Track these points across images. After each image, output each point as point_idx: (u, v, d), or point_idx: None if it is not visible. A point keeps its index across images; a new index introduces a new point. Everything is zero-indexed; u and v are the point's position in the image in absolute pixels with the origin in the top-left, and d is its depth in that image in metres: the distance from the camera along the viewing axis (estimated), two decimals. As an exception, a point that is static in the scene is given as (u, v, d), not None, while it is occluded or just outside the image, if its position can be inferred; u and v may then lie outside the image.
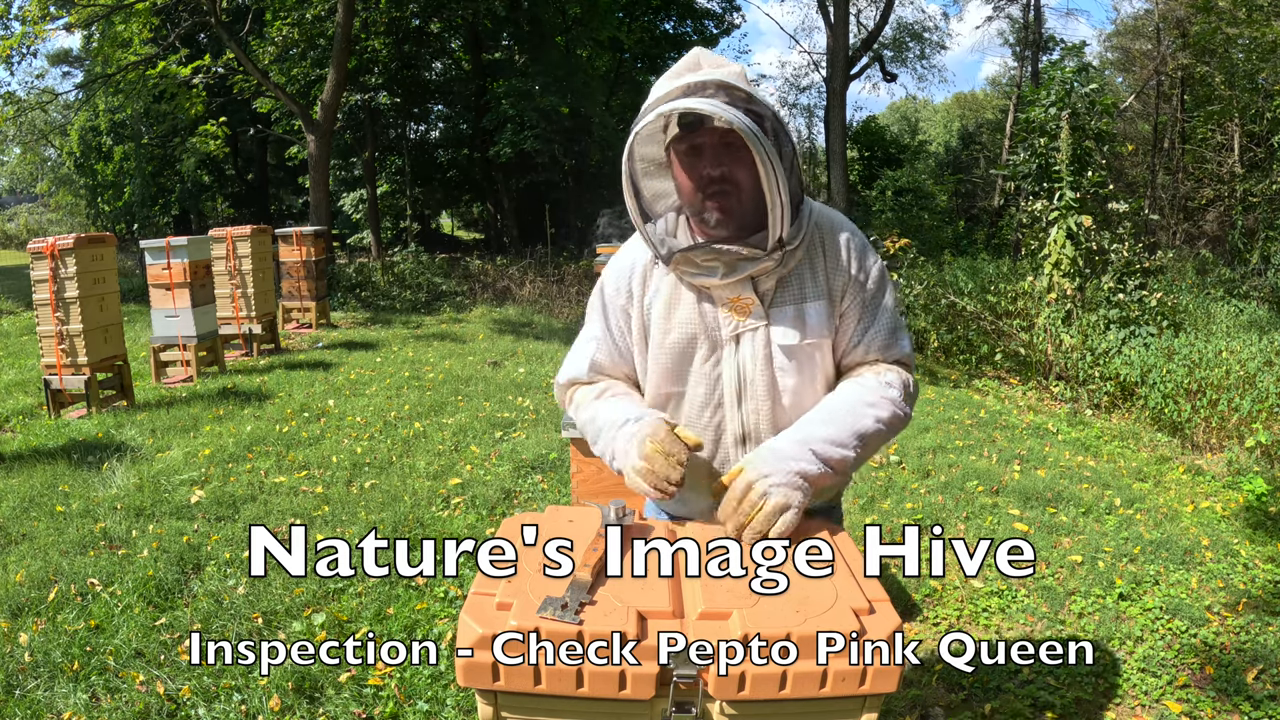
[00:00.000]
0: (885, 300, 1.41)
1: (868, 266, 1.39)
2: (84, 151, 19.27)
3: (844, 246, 1.38)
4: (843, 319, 1.40)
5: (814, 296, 1.36)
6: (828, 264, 1.37)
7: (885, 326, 1.40)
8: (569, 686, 0.89)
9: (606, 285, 1.48)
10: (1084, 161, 6.99)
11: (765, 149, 1.21)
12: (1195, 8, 12.06)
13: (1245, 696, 2.49)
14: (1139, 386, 5.65)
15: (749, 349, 1.36)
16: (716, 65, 1.30)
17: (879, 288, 1.40)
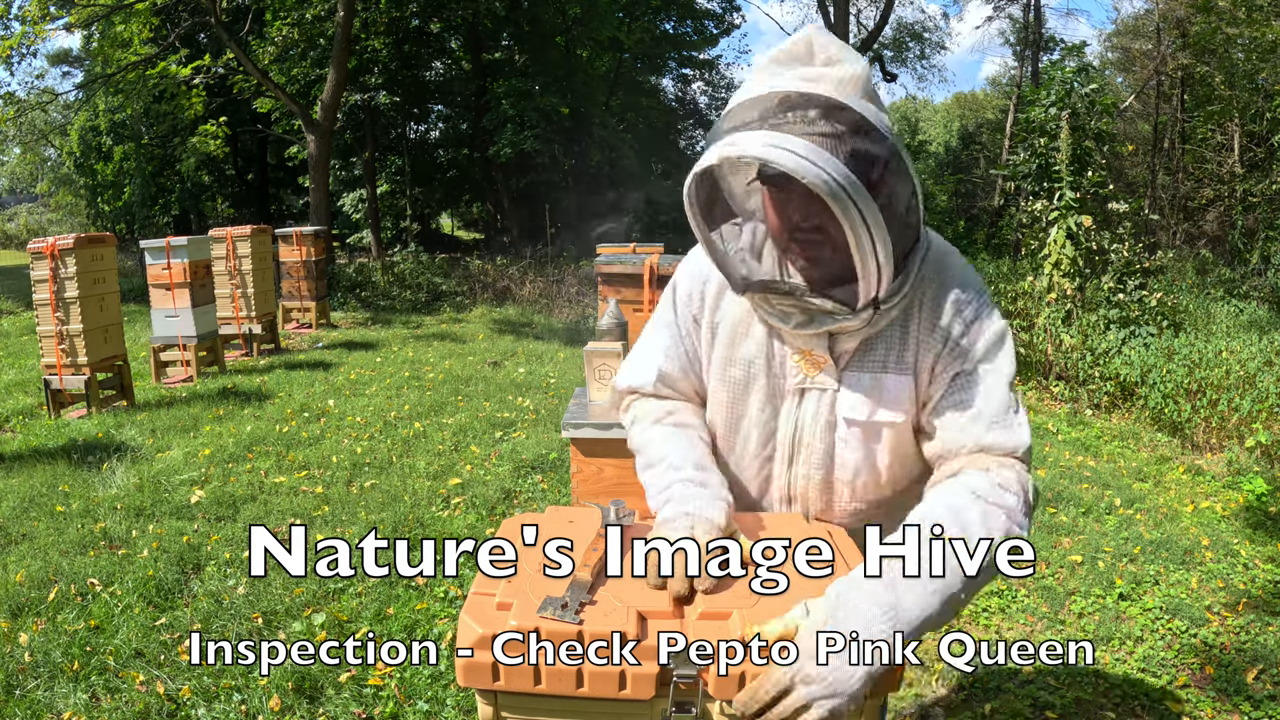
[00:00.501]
0: (997, 375, 1.13)
1: (977, 331, 1.13)
2: (84, 151, 19.27)
3: (949, 307, 1.13)
4: (933, 395, 1.15)
5: (897, 367, 1.15)
6: (923, 327, 1.14)
7: (996, 408, 1.12)
8: (569, 686, 0.89)
9: (679, 288, 1.30)
10: (1084, 161, 6.99)
11: (859, 212, 0.98)
12: (1195, 8, 12.06)
13: (1245, 696, 2.49)
14: (1139, 386, 5.65)
15: (811, 409, 1.19)
16: (830, 60, 1.04)
17: (990, 358, 1.13)
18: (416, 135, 20.43)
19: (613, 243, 3.66)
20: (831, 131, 1.00)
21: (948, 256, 1.17)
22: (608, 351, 2.68)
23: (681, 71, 22.37)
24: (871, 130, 1.02)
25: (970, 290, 1.15)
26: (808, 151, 0.98)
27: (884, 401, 1.16)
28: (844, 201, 0.97)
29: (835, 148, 1.00)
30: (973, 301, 1.14)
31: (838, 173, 0.97)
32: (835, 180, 0.97)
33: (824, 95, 1.01)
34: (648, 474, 1.22)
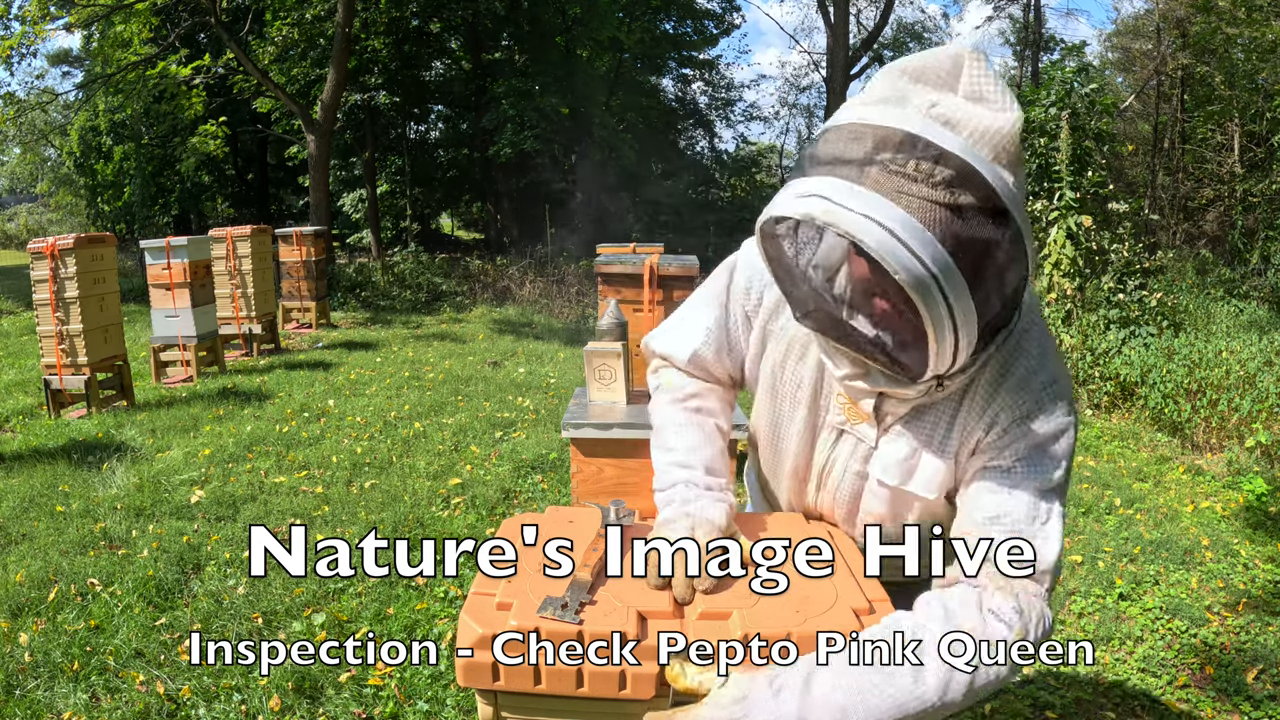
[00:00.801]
0: (1035, 479, 1.00)
1: (1028, 427, 1.00)
2: (84, 151, 19.27)
3: (1006, 395, 1.01)
4: (962, 481, 1.07)
5: (939, 449, 1.06)
6: (972, 412, 1.04)
7: (1020, 514, 0.99)
8: (569, 686, 0.89)
9: (737, 276, 1.21)
10: (1084, 161, 6.99)
11: (949, 309, 0.84)
12: (1195, 8, 12.06)
13: (1245, 696, 2.49)
14: (1139, 386, 5.65)
15: (846, 452, 1.15)
16: (978, 95, 0.87)
17: (1032, 459, 1.01)
18: (416, 135, 20.44)
19: (613, 243, 3.66)
20: (949, 201, 0.84)
21: (1028, 335, 1.03)
22: (608, 351, 2.68)
23: (681, 71, 22.37)
24: (1000, 210, 0.85)
25: (1038, 379, 1.01)
26: (906, 230, 0.82)
27: (918, 477, 1.08)
28: (933, 298, 0.84)
29: (946, 223, 0.84)
30: (1035, 393, 1.01)
31: (935, 263, 0.82)
32: (929, 274, 0.82)
33: (957, 156, 0.83)
34: (657, 455, 1.22)
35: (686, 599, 0.97)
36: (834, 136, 0.90)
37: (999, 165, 0.85)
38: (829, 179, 0.87)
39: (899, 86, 0.90)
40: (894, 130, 0.86)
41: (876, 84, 0.92)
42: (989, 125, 0.86)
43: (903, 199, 0.84)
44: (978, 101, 0.87)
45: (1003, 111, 0.87)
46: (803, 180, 0.90)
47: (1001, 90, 0.88)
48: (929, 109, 0.87)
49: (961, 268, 0.83)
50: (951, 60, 0.89)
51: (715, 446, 1.21)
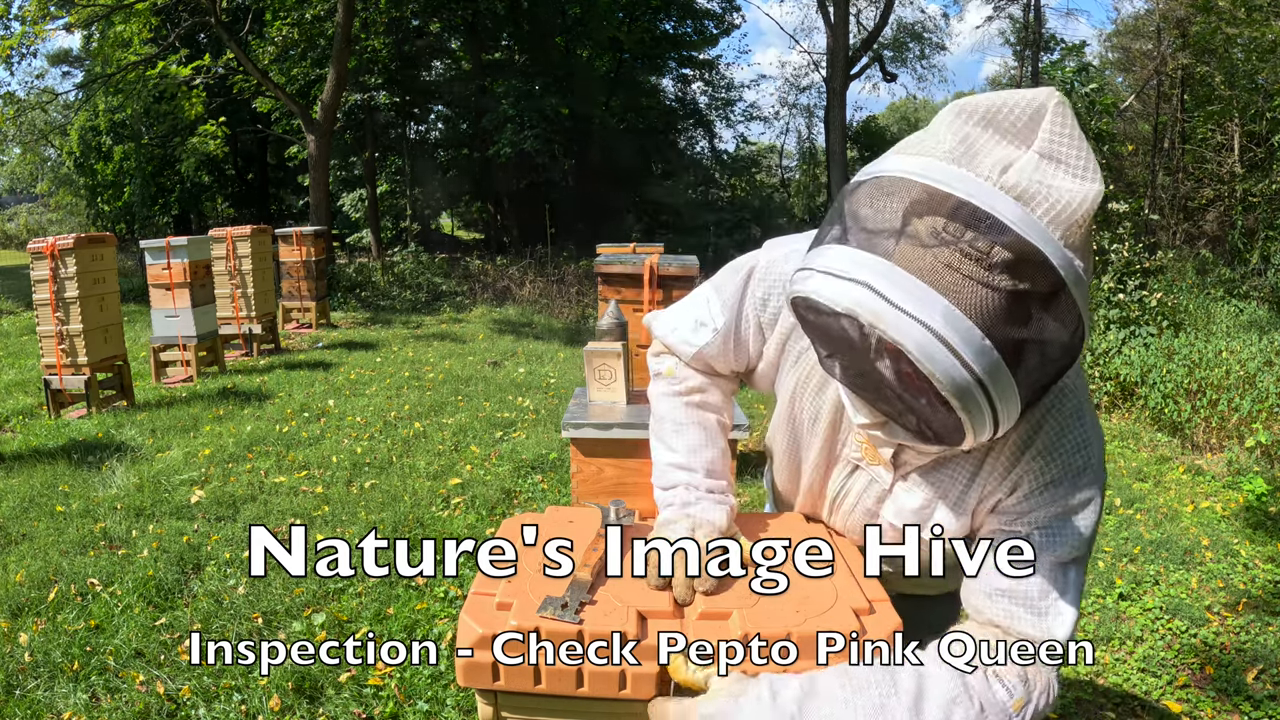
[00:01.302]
0: (1051, 551, 0.94)
1: (1051, 496, 0.94)
2: (84, 151, 19.27)
3: (1032, 458, 0.95)
4: (979, 537, 1.02)
5: (954, 503, 1.01)
6: (995, 473, 0.98)
7: (1033, 589, 0.93)
8: (569, 686, 0.89)
9: (755, 284, 1.13)
10: (1084, 161, 6.98)
11: (992, 411, 0.78)
12: (1195, 8, 12.06)
13: (1245, 696, 2.49)
14: (1139, 386, 5.65)
15: (860, 487, 1.11)
16: (1056, 156, 0.77)
17: (1052, 529, 0.95)
18: (416, 135, 20.44)
19: (614, 242, 3.66)
20: (1009, 288, 0.74)
21: (1064, 393, 0.95)
22: (608, 351, 2.68)
23: (681, 71, 22.36)
24: (1066, 302, 0.76)
25: (1068, 441, 0.94)
26: (950, 328, 0.73)
27: (931, 526, 1.05)
28: (975, 402, 0.77)
29: (999, 312, 0.74)
30: (1064, 457, 0.94)
31: (981, 365, 0.74)
32: (974, 379, 0.75)
33: (1025, 240, 0.73)
34: (657, 450, 1.21)
35: (687, 600, 0.97)
36: (884, 191, 0.81)
37: (1070, 248, 0.75)
38: (872, 260, 0.77)
39: (967, 135, 0.79)
40: (957, 199, 0.75)
41: (942, 128, 0.81)
42: (1067, 201, 0.75)
43: (952, 278, 0.74)
44: (1055, 163, 0.77)
45: (1083, 180, 0.76)
46: (842, 251, 0.79)
47: (1084, 153, 0.77)
48: (1000, 174, 0.76)
49: (1011, 361, 0.76)
50: (1031, 108, 0.78)
51: (717, 447, 1.20)
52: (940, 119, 0.82)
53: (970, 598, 0.99)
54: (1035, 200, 0.75)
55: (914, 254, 0.76)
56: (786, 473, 1.24)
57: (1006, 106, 0.79)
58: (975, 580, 0.99)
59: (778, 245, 1.13)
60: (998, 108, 0.79)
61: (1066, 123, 0.77)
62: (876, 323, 0.75)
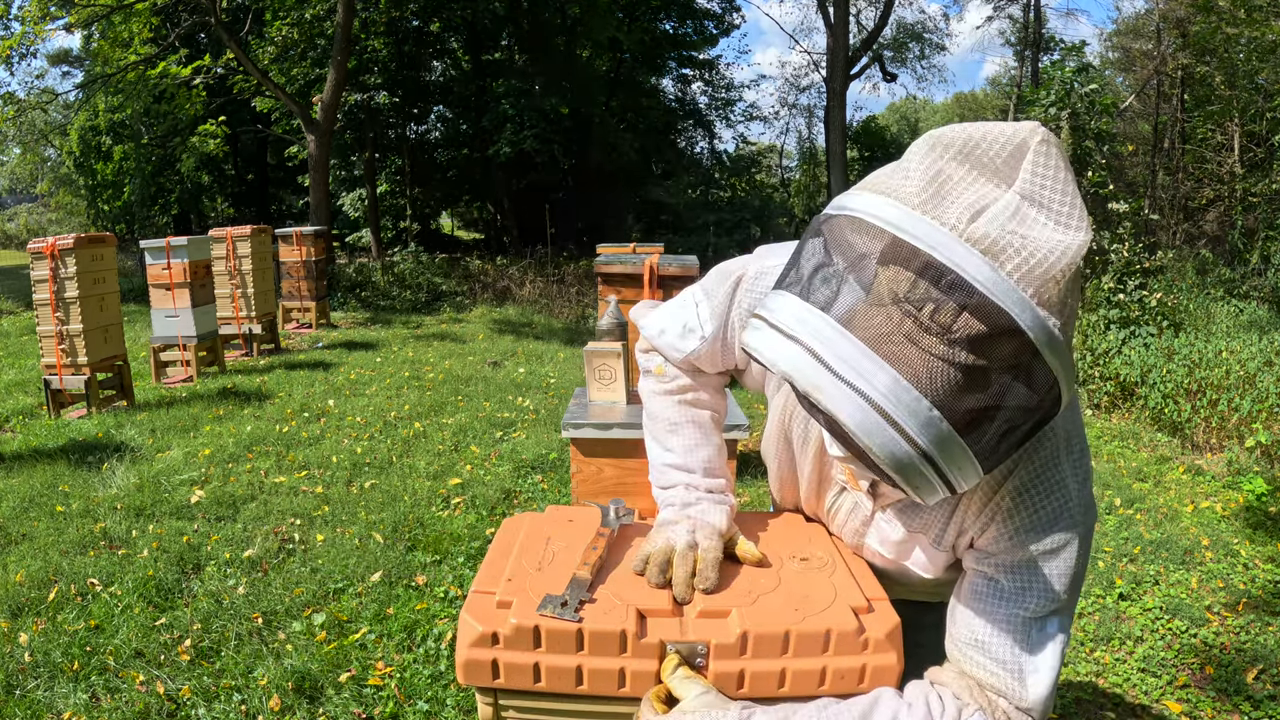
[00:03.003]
0: (1020, 604, 0.90)
1: (1024, 541, 0.90)
2: (84, 151, 19.27)
3: (1007, 498, 0.90)
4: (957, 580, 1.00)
5: (934, 540, 0.99)
6: (970, 509, 0.94)
7: (1003, 647, 0.90)
8: (569, 685, 0.89)
9: (743, 295, 1.09)
10: (1084, 161, 6.99)
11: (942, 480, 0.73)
12: (1195, 8, 12.06)
13: (1245, 696, 2.49)
14: (1139, 386, 5.65)
15: (847, 507, 1.10)
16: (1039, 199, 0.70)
17: (1024, 576, 0.90)
18: (416, 135, 20.43)
19: (614, 242, 3.67)
20: (967, 353, 0.67)
21: (1044, 439, 0.89)
22: (608, 351, 2.68)
23: (681, 71, 22.37)
24: (1036, 366, 0.69)
25: (1042, 485, 0.89)
26: (891, 400, 0.68)
27: (915, 557, 1.03)
28: (918, 476, 0.72)
29: (956, 385, 0.68)
30: (1038, 499, 0.89)
31: (927, 439, 0.69)
32: (919, 453, 0.69)
33: (991, 302, 0.66)
34: (653, 450, 1.20)
35: (686, 598, 0.97)
36: (843, 232, 0.74)
37: (1045, 306, 0.67)
38: (817, 318, 0.71)
39: (939, 171, 0.72)
40: (916, 250, 0.68)
41: (914, 158, 0.74)
42: (1045, 254, 0.67)
43: (902, 341, 0.68)
44: (1037, 207, 0.69)
45: (1065, 229, 0.69)
46: (791, 302, 0.74)
47: (1070, 197, 0.69)
48: (968, 223, 0.68)
49: (965, 430, 0.69)
50: (1012, 144, 0.71)
51: (713, 444, 1.19)
52: (914, 150, 0.75)
53: (947, 642, 0.98)
54: (1006, 254, 0.67)
55: (865, 310, 0.69)
56: (785, 484, 1.24)
57: (986, 140, 0.72)
58: (950, 623, 0.98)
59: (768, 254, 1.09)
60: (975, 141, 0.72)
61: (1051, 162, 0.70)
62: (813, 392, 0.70)
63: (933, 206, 0.70)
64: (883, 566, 1.11)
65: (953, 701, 0.90)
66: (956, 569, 1.04)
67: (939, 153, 0.73)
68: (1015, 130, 0.72)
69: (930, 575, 1.04)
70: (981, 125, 0.73)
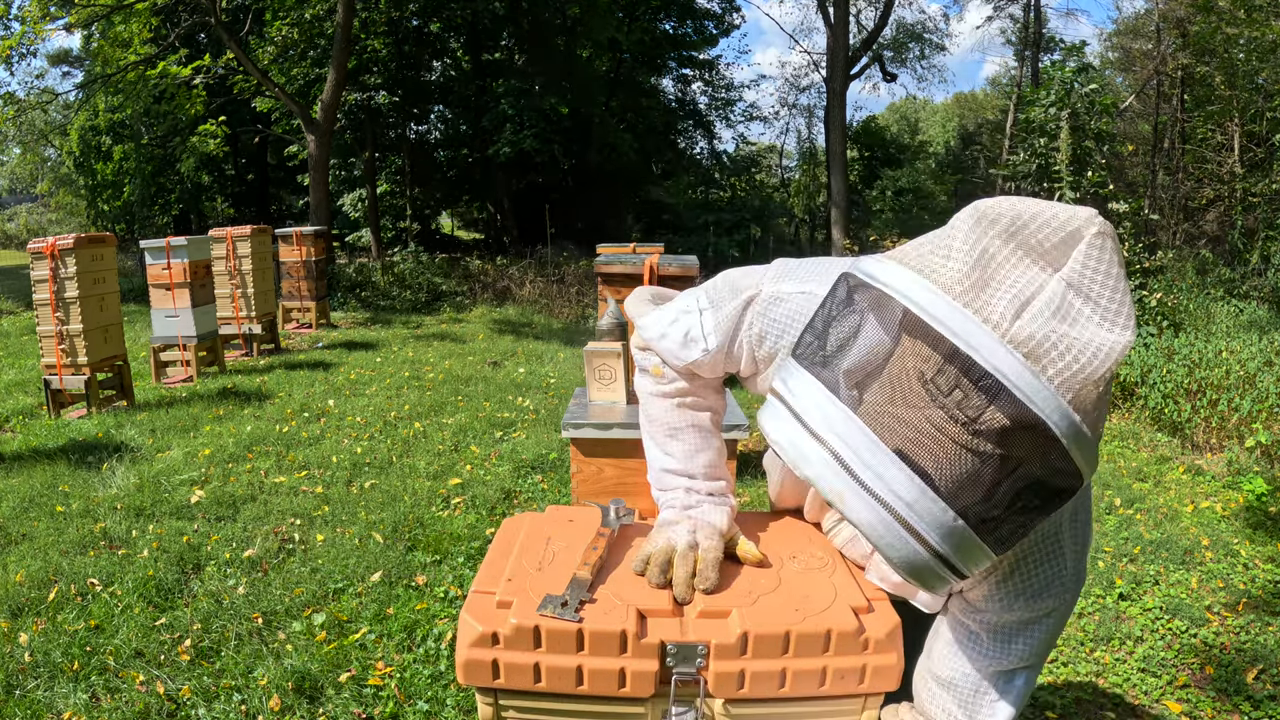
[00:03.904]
0: (1006, 659, 0.92)
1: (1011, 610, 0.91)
2: (84, 151, 19.25)
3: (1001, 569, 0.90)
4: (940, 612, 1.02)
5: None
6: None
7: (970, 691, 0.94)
8: (569, 684, 0.89)
9: (753, 318, 1.05)
10: (1084, 161, 6.99)
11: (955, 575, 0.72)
12: (1195, 8, 12.06)
13: (1245, 696, 2.49)
14: (1139, 386, 5.65)
15: (848, 534, 1.13)
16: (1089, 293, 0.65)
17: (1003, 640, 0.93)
18: (416, 135, 20.43)
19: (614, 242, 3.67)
20: (997, 457, 0.65)
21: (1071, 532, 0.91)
22: (608, 351, 2.68)
23: (681, 72, 22.37)
24: (1062, 462, 0.66)
25: (1039, 553, 0.89)
26: (914, 511, 0.66)
27: (919, 596, 1.03)
28: (931, 574, 0.71)
29: (980, 484, 0.66)
30: (1027, 571, 0.89)
31: (948, 546, 0.68)
32: (932, 557, 0.68)
33: (1026, 408, 0.62)
34: (653, 453, 1.20)
35: (686, 599, 0.97)
36: (878, 309, 0.69)
37: (1081, 410, 0.64)
38: (842, 415, 0.68)
39: (985, 249, 0.67)
40: (956, 349, 0.64)
41: (958, 234, 0.68)
42: (1088, 357, 0.63)
43: (930, 442, 0.65)
44: (1084, 299, 0.65)
45: (1111, 328, 0.64)
46: (815, 390, 0.71)
47: (1120, 294, 0.65)
48: (1013, 320, 0.64)
49: (983, 529, 0.68)
50: (1066, 230, 0.66)
51: (713, 448, 1.18)
52: (958, 224, 0.70)
53: (916, 675, 0.98)
54: (1048, 357, 0.63)
55: (894, 409, 0.67)
56: (786, 499, 1.25)
57: (1037, 221, 0.66)
58: (924, 657, 0.99)
59: (785, 275, 1.04)
60: (1025, 221, 0.67)
61: (1105, 256, 0.66)
62: (836, 501, 0.69)
63: (975, 295, 0.66)
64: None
65: None
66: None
67: (985, 227, 0.68)
68: (1071, 215, 0.67)
69: (930, 611, 1.05)
70: (1032, 203, 0.68)
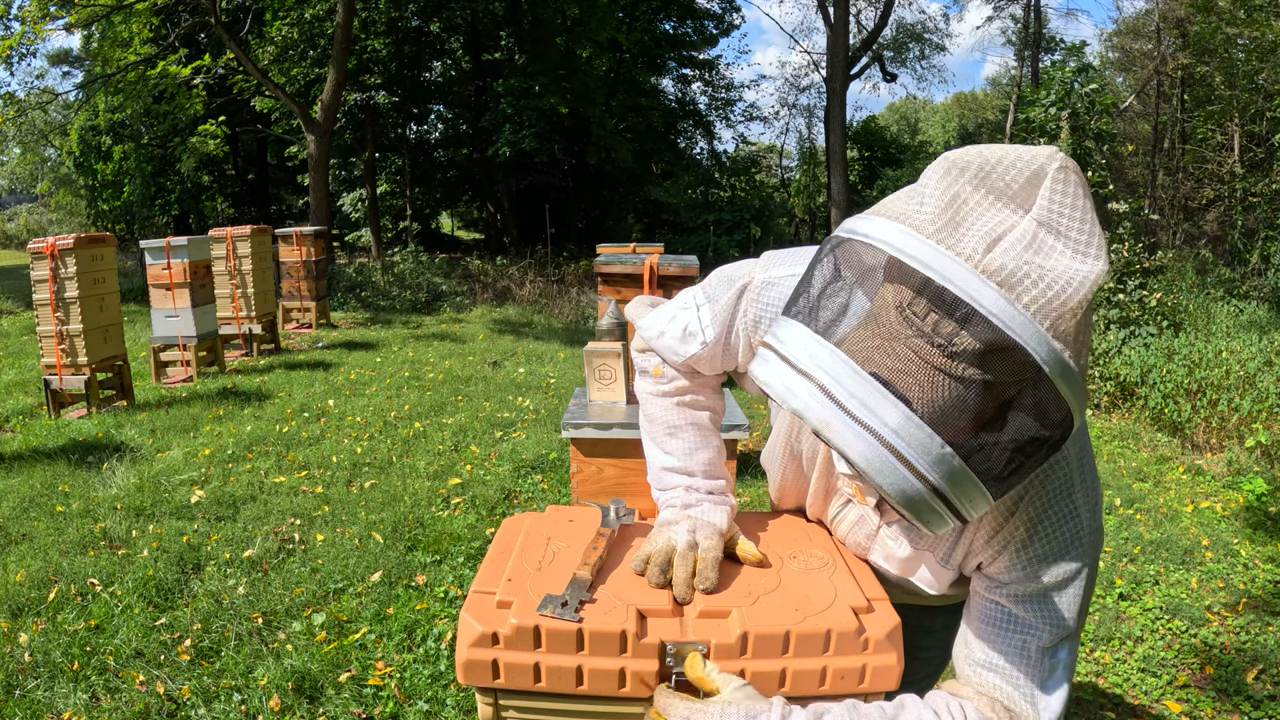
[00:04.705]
0: (1034, 633, 0.90)
1: (1034, 571, 0.89)
2: (84, 151, 19.25)
3: (1018, 526, 0.90)
4: (968, 597, 0.99)
5: (941, 559, 0.99)
6: (980, 534, 0.93)
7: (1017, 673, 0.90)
8: (569, 685, 0.89)
9: (748, 304, 1.06)
10: (1084, 161, 6.99)
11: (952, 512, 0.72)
12: (1195, 8, 12.06)
13: (1245, 696, 2.49)
14: (1139, 386, 5.65)
15: (852, 518, 1.10)
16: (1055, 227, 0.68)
17: (1036, 604, 0.90)
18: (416, 135, 20.43)
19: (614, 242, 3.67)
20: (980, 387, 0.67)
21: (1053, 468, 0.89)
22: (608, 351, 2.68)
23: (681, 72, 22.37)
24: (1050, 397, 0.68)
25: (1054, 515, 0.88)
26: (902, 438, 0.67)
27: (920, 574, 1.03)
28: (928, 510, 0.71)
29: (967, 415, 0.68)
30: (1049, 530, 0.89)
31: (939, 475, 0.68)
32: (926, 489, 0.69)
33: (1003, 333, 0.65)
34: (652, 453, 1.19)
35: (686, 598, 0.97)
36: (857, 258, 0.74)
37: (1060, 338, 0.66)
38: (828, 352, 0.71)
39: (956, 194, 0.70)
40: (930, 282, 0.67)
41: (930, 182, 0.72)
42: (1062, 285, 0.66)
43: (915, 373, 0.68)
44: (1055, 234, 0.68)
45: (1084, 258, 0.67)
46: (801, 334, 0.73)
47: (1089, 225, 0.68)
48: (984, 253, 0.67)
49: (977, 463, 0.69)
50: (1030, 169, 0.69)
51: (712, 446, 1.18)
52: (929, 175, 0.74)
53: (958, 662, 0.97)
54: (1022, 285, 0.66)
55: (876, 343, 0.70)
56: (787, 493, 1.24)
57: (1003, 164, 0.70)
58: (960, 645, 0.98)
59: (775, 263, 1.05)
60: (992, 165, 0.70)
61: (1070, 190, 0.68)
62: (823, 430, 0.69)
63: (948, 234, 0.69)
64: (885, 576, 1.11)
65: (975, 713, 0.90)
66: (961, 584, 1.04)
67: (955, 175, 0.71)
68: (1033, 155, 0.70)
69: (935, 591, 1.04)
70: (998, 148, 0.72)
